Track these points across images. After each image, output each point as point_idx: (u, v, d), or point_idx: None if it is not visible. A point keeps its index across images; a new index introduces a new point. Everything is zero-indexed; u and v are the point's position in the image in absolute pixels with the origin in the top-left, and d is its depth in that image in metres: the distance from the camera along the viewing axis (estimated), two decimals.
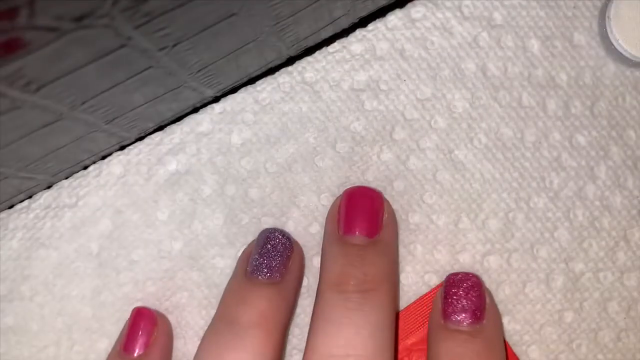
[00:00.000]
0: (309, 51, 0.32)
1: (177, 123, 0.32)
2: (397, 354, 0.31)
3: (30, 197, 0.32)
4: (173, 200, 0.32)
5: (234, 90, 0.32)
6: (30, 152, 0.27)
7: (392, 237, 0.30)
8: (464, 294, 0.29)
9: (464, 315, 0.29)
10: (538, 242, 0.32)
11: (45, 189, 0.32)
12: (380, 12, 0.32)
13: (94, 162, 0.32)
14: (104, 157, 0.32)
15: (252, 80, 0.32)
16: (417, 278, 0.32)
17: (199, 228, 0.32)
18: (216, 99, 0.32)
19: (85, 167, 0.32)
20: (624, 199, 0.32)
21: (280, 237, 0.30)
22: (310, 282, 0.32)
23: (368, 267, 0.28)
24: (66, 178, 0.32)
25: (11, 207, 0.32)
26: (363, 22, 0.32)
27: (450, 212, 0.32)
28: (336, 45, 0.32)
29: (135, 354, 0.30)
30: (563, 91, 0.32)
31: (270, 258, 0.29)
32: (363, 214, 0.30)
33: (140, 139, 0.32)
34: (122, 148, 0.32)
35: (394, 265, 0.30)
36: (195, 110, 0.32)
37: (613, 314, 0.31)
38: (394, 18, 0.32)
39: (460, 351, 0.28)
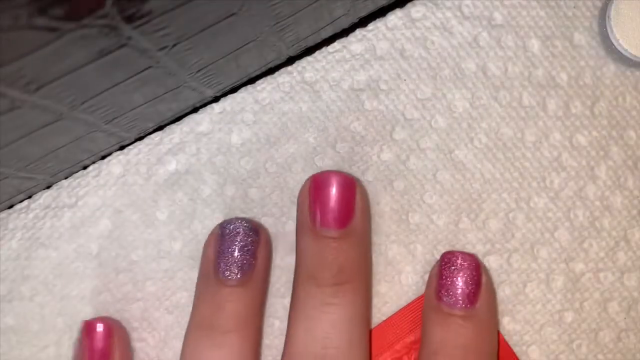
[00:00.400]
0: (309, 51, 0.32)
1: (176, 123, 0.32)
2: (395, 352, 0.31)
3: (29, 197, 0.32)
4: (173, 200, 0.32)
5: (233, 90, 0.32)
6: (30, 152, 0.27)
7: (366, 223, 0.30)
8: (459, 276, 0.28)
9: (456, 299, 0.28)
10: (538, 242, 0.32)
11: (44, 189, 0.32)
12: (380, 12, 0.32)
13: (94, 162, 0.32)
14: (103, 157, 0.32)
15: (252, 80, 0.32)
16: (417, 278, 0.32)
17: (199, 228, 0.32)
18: (216, 99, 0.32)
19: (85, 167, 0.32)
20: (625, 199, 0.32)
21: (244, 229, 0.29)
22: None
23: (342, 260, 0.28)
24: (65, 178, 0.32)
25: (11, 207, 0.32)
26: (363, 22, 0.31)
27: (451, 212, 0.32)
28: (336, 45, 0.32)
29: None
30: (563, 91, 0.32)
31: (239, 256, 0.28)
32: (334, 203, 0.28)
33: (140, 139, 0.32)
34: (121, 148, 0.32)
35: (368, 253, 0.30)
36: (195, 110, 0.32)
37: (613, 314, 0.31)
38: (394, 18, 0.32)
39: (451, 337, 0.28)
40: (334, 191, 0.28)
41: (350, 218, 0.28)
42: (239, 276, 0.28)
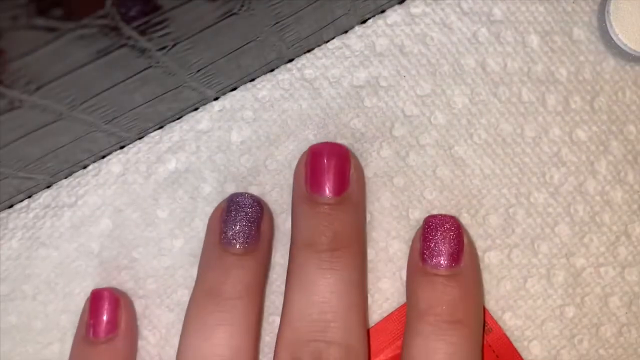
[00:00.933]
0: (309, 49, 0.32)
1: (176, 121, 0.32)
2: (397, 348, 0.31)
3: (29, 196, 0.32)
4: (173, 199, 0.32)
5: (233, 88, 0.32)
6: (29, 152, 0.27)
7: (360, 194, 0.30)
8: (442, 237, 0.29)
9: (441, 258, 0.28)
10: (539, 238, 0.32)
11: (44, 189, 0.32)
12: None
13: (94, 162, 0.32)
14: (103, 157, 0.32)
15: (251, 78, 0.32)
16: None
17: (200, 226, 0.32)
18: (216, 98, 0.32)
19: (85, 167, 0.32)
20: (625, 193, 0.32)
21: (250, 201, 0.29)
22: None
23: (337, 226, 0.28)
24: (65, 178, 0.32)
25: (11, 206, 0.32)
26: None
27: (451, 208, 0.32)
28: (335, 42, 0.32)
29: (102, 335, 0.29)
30: (563, 86, 0.32)
31: (245, 226, 0.29)
32: (329, 172, 0.29)
33: (140, 138, 0.32)
34: (121, 148, 0.32)
35: (362, 222, 0.30)
36: (195, 108, 0.32)
37: (614, 309, 0.31)
38: (394, 14, 0.31)
39: (437, 296, 0.28)
40: (328, 160, 0.29)
41: (344, 186, 0.29)
42: (245, 245, 0.29)
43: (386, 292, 0.31)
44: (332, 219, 0.28)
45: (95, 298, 0.30)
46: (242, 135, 0.32)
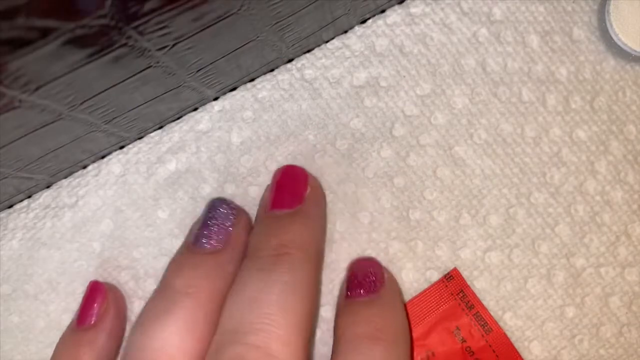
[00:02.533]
0: (309, 49, 0.31)
1: (176, 122, 0.32)
2: None
3: (29, 196, 0.32)
4: (173, 199, 0.32)
5: (233, 88, 0.32)
6: (29, 152, 0.27)
7: (314, 210, 0.30)
8: (362, 274, 0.30)
9: (361, 289, 0.30)
10: (539, 238, 0.32)
11: (44, 189, 0.32)
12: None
13: (94, 162, 0.32)
14: (103, 157, 0.32)
15: (251, 79, 0.32)
16: (419, 275, 0.32)
17: None
18: (215, 98, 0.32)
19: (85, 167, 0.32)
20: (625, 193, 0.32)
21: (222, 206, 0.30)
22: None
23: (283, 235, 0.28)
24: (65, 178, 0.32)
25: (10, 206, 0.32)
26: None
27: (451, 208, 0.32)
28: (335, 42, 0.32)
29: (86, 324, 0.30)
30: (563, 86, 0.32)
31: (209, 228, 0.29)
32: (284, 191, 0.30)
33: (140, 138, 0.32)
34: (121, 148, 0.32)
35: (314, 237, 0.30)
36: (195, 108, 0.32)
37: (615, 309, 0.31)
38: (393, 14, 0.31)
39: (357, 319, 0.28)
40: (283, 178, 0.30)
41: (297, 202, 0.29)
42: (205, 245, 0.29)
43: None
44: (278, 229, 0.28)
45: (88, 289, 0.31)
46: (242, 135, 0.32)
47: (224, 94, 0.32)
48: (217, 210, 0.30)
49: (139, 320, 0.28)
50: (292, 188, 0.30)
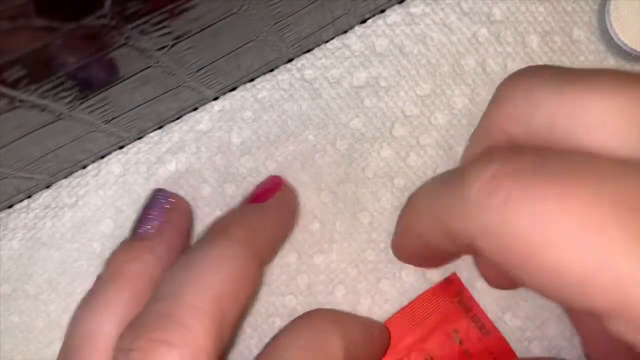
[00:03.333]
0: (309, 49, 0.32)
1: (176, 122, 0.32)
2: (396, 354, 0.31)
3: (29, 196, 0.32)
4: None
5: (233, 88, 0.32)
6: (29, 152, 0.27)
7: (278, 207, 0.30)
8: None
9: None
10: None
11: (44, 189, 0.32)
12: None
13: (93, 162, 0.32)
14: (103, 157, 0.32)
15: (251, 79, 0.32)
16: (418, 275, 0.32)
17: (199, 227, 0.32)
18: (215, 98, 0.32)
19: (84, 167, 0.32)
20: None
21: (157, 195, 0.30)
22: (311, 279, 0.32)
23: (231, 214, 0.29)
24: (65, 178, 0.32)
25: (10, 206, 0.32)
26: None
27: None
28: (335, 42, 0.32)
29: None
30: None
31: (144, 216, 0.29)
32: (258, 190, 0.31)
33: (139, 138, 0.32)
34: (121, 148, 0.32)
35: (270, 230, 0.30)
36: (195, 108, 0.32)
37: None
38: (393, 14, 0.31)
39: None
40: (263, 183, 0.31)
41: (262, 199, 0.30)
42: (136, 231, 0.29)
43: (386, 294, 0.31)
44: (235, 211, 0.29)
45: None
46: (242, 135, 0.32)
47: (224, 94, 0.32)
48: (153, 199, 0.30)
49: (82, 300, 0.28)
50: (261, 191, 0.30)
